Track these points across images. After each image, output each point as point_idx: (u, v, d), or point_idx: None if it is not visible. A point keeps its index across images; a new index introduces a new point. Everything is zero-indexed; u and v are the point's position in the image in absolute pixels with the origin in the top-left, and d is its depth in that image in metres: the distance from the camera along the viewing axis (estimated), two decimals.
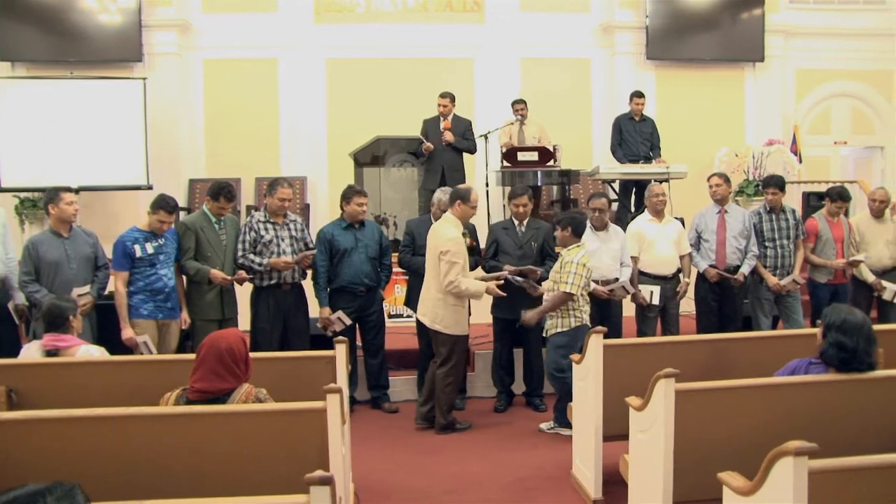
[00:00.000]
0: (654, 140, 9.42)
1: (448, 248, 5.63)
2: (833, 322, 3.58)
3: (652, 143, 9.40)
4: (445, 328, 5.78)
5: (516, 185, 7.09)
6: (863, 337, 3.58)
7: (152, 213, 5.68)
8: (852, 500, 2.65)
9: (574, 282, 5.47)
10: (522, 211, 6.35)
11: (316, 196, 10.80)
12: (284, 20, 10.92)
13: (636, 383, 4.02)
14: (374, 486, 4.88)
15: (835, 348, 3.57)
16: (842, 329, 3.56)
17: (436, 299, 5.78)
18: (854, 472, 2.66)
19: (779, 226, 6.65)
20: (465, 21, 11.20)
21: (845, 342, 3.56)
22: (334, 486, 2.55)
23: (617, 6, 11.15)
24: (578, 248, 5.61)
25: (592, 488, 4.57)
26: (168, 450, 3.19)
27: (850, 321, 3.56)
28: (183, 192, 10.47)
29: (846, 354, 3.56)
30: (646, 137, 9.37)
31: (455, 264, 5.61)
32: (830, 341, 3.59)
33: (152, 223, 5.68)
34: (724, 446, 3.54)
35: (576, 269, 5.48)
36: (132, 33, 10.21)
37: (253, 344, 6.10)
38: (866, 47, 11.79)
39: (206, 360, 3.39)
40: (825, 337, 3.62)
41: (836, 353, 3.57)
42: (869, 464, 2.68)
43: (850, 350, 3.56)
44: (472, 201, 5.84)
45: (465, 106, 10.26)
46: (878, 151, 12.25)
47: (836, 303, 5.02)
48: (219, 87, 10.84)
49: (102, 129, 9.66)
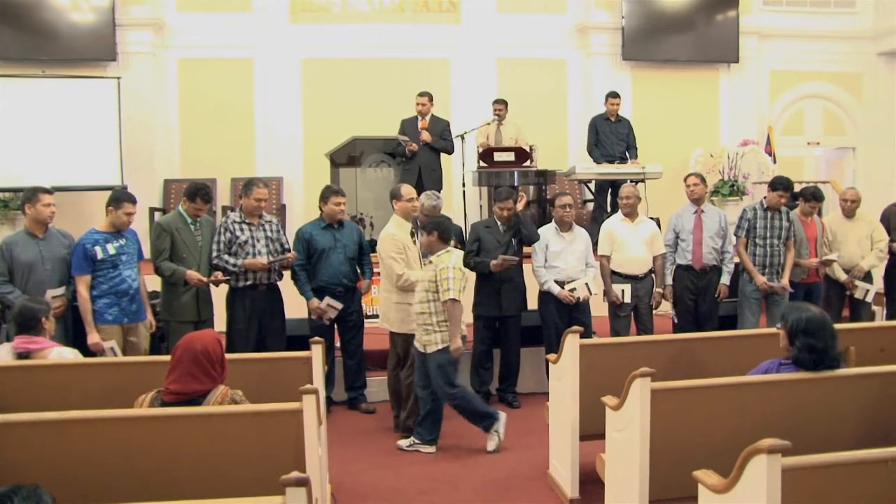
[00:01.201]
0: (630, 140, 9.48)
1: (384, 246, 5.78)
2: (797, 327, 3.62)
3: (628, 144, 9.45)
4: (392, 325, 5.85)
5: (501, 189, 7.10)
6: (828, 334, 3.64)
7: (115, 208, 5.53)
8: (825, 497, 2.68)
9: (454, 287, 5.30)
10: (507, 214, 6.42)
11: (292, 196, 10.75)
12: (260, 20, 10.86)
13: (612, 383, 4.03)
14: (351, 486, 4.86)
15: (806, 352, 3.61)
16: (807, 331, 3.60)
17: (383, 298, 5.93)
18: (826, 469, 2.69)
19: (772, 224, 6.65)
20: (442, 21, 11.20)
21: (814, 343, 3.60)
22: (310, 488, 2.55)
23: (593, 7, 11.20)
24: (448, 253, 5.44)
25: (569, 488, 4.59)
26: (142, 452, 3.17)
27: (813, 321, 3.61)
28: (158, 192, 10.40)
29: (817, 355, 3.61)
30: (622, 138, 9.42)
31: (393, 259, 5.74)
32: (800, 346, 3.62)
33: (117, 219, 5.54)
34: (700, 445, 3.57)
35: (453, 274, 5.31)
36: (105, 32, 10.12)
37: (229, 345, 6.05)
38: (837, 50, 11.95)
39: (181, 361, 3.37)
40: (793, 343, 3.65)
41: (809, 355, 3.61)
42: (840, 460, 2.71)
43: (819, 350, 3.61)
44: (404, 196, 5.98)
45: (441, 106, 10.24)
46: (850, 152, 12.40)
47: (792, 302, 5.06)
48: (194, 87, 10.76)
49: (75, 128, 9.56)
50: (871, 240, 7.01)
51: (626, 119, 9.63)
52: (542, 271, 6.32)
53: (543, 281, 6.30)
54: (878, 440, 3.39)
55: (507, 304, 6.39)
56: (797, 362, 3.67)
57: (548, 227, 6.47)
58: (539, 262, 6.35)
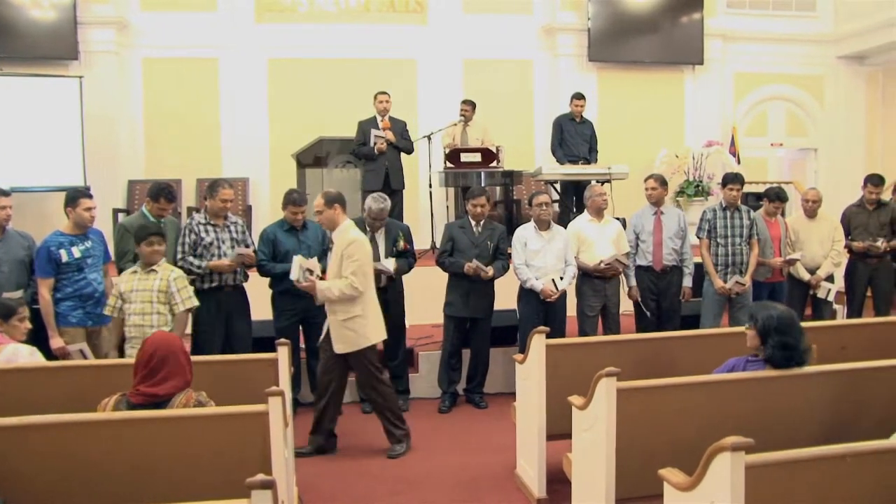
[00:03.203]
0: (592, 142, 9.52)
1: (365, 250, 5.33)
2: (769, 325, 3.65)
3: (590, 146, 9.49)
4: (349, 346, 5.30)
5: (475, 187, 7.10)
6: (798, 330, 3.70)
7: (73, 207, 5.42)
8: (787, 492, 2.71)
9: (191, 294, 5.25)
10: (480, 211, 6.42)
11: (258, 197, 10.69)
12: (225, 19, 10.80)
13: (579, 382, 4.04)
14: (319, 489, 4.84)
15: (780, 349, 3.65)
16: (780, 329, 3.65)
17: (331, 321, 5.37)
18: (788, 465, 2.72)
19: (733, 223, 6.69)
20: (408, 22, 11.20)
21: (787, 341, 3.65)
22: (276, 490, 2.54)
23: (559, 8, 11.28)
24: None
25: (536, 487, 4.60)
26: (107, 456, 3.14)
27: (784, 318, 3.66)
28: (121, 193, 10.29)
29: (790, 352, 3.66)
30: (585, 139, 9.46)
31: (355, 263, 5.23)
32: (773, 344, 3.66)
33: (79, 218, 5.44)
34: (666, 443, 3.59)
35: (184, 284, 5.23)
36: (67, 30, 9.98)
37: (194, 347, 5.99)
38: (799, 53, 12.17)
39: (166, 362, 3.35)
40: (765, 342, 3.69)
41: (782, 353, 3.65)
42: (802, 457, 2.74)
43: (792, 347, 3.66)
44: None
45: (408, 107, 10.27)
46: (812, 153, 12.61)
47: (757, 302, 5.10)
48: (158, 87, 10.67)
49: (36, 128, 9.43)
50: (832, 240, 7.11)
51: (589, 121, 9.67)
52: (523, 269, 6.31)
53: (525, 279, 6.30)
54: (838, 436, 3.43)
55: (477, 305, 6.39)
56: (771, 361, 3.70)
57: (526, 227, 6.46)
58: (520, 260, 6.34)
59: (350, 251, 5.12)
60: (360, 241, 5.23)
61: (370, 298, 5.30)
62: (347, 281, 5.09)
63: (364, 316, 5.24)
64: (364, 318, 5.24)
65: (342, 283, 5.10)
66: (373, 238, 6.32)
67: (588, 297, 6.51)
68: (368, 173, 8.58)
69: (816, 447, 2.84)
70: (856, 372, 3.89)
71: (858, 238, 7.25)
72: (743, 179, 6.90)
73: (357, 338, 5.24)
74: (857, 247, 7.24)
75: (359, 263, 5.12)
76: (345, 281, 5.10)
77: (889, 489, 2.81)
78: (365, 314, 5.24)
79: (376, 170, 8.49)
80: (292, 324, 6.20)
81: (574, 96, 9.48)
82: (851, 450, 2.79)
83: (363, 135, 8.57)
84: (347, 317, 5.20)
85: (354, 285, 5.09)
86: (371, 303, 5.32)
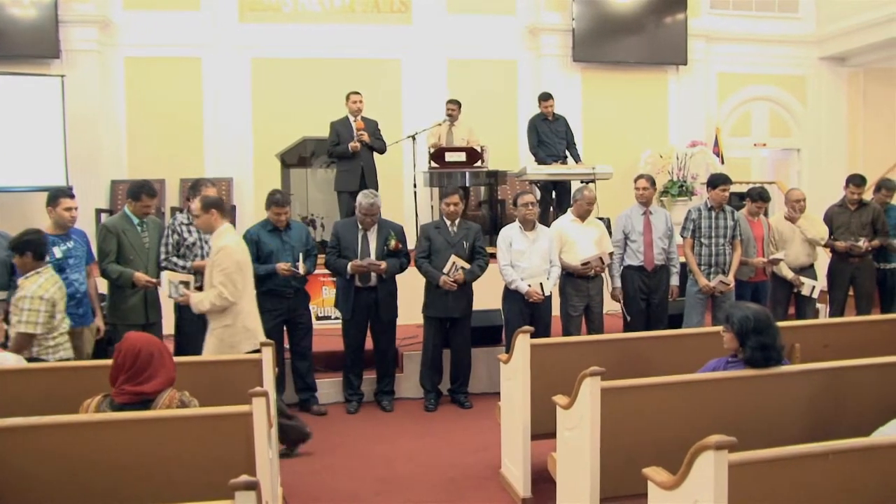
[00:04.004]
0: (568, 137, 9.50)
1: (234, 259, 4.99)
2: (747, 327, 3.67)
3: (567, 141, 9.48)
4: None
5: (447, 185, 7.09)
6: (774, 329, 3.72)
7: (53, 206, 5.37)
8: (770, 490, 2.72)
9: (29, 319, 4.66)
10: (453, 210, 6.41)
11: (242, 197, 10.63)
12: (208, 19, 10.74)
13: (563, 382, 4.05)
14: (303, 489, 4.83)
15: (758, 350, 3.67)
16: (757, 330, 3.67)
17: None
18: (771, 464, 2.73)
19: (717, 224, 6.72)
20: (393, 22, 11.18)
21: (765, 341, 3.67)
22: (260, 491, 2.53)
23: (543, 9, 11.28)
24: (38, 274, 4.78)
25: (521, 487, 4.60)
26: (90, 458, 3.13)
27: (761, 319, 3.68)
28: (104, 193, 10.21)
29: (768, 351, 3.68)
30: (560, 136, 9.43)
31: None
32: (752, 346, 3.68)
33: (59, 218, 5.39)
34: (650, 442, 3.61)
35: (30, 305, 4.65)
36: (48, 29, 9.87)
37: (178, 348, 5.97)
38: (782, 54, 12.24)
39: (151, 360, 3.33)
40: (744, 344, 3.70)
41: (761, 353, 3.68)
42: (784, 455, 2.76)
43: (769, 347, 3.68)
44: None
45: (392, 107, 10.29)
46: (795, 153, 12.69)
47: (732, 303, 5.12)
48: (141, 86, 10.59)
49: (18, 127, 9.34)
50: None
51: (562, 117, 9.60)
52: (508, 269, 6.31)
53: (510, 280, 6.30)
54: (820, 434, 3.45)
55: (455, 305, 6.39)
56: (750, 362, 3.72)
57: (511, 227, 6.46)
58: (505, 260, 6.33)
59: (218, 259, 4.86)
60: (230, 249, 4.90)
61: (243, 308, 4.97)
62: (217, 291, 4.83)
63: (233, 325, 4.93)
64: (232, 327, 4.93)
65: (212, 293, 4.85)
66: (364, 236, 6.32)
67: (571, 297, 6.53)
68: (344, 173, 8.50)
69: (799, 445, 2.85)
70: (838, 370, 3.91)
71: (841, 238, 7.30)
72: (731, 181, 6.93)
73: (221, 346, 4.91)
74: (839, 247, 7.29)
75: (227, 272, 4.82)
76: (214, 291, 4.84)
77: (871, 486, 2.83)
78: (234, 324, 4.93)
79: (352, 170, 8.42)
80: (276, 324, 6.16)
81: (541, 97, 9.43)
82: (834, 448, 2.81)
83: (337, 135, 8.49)
84: (217, 326, 4.95)
85: (224, 295, 4.81)
86: (244, 313, 4.98)
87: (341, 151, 8.44)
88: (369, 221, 6.28)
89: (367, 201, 6.21)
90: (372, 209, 6.23)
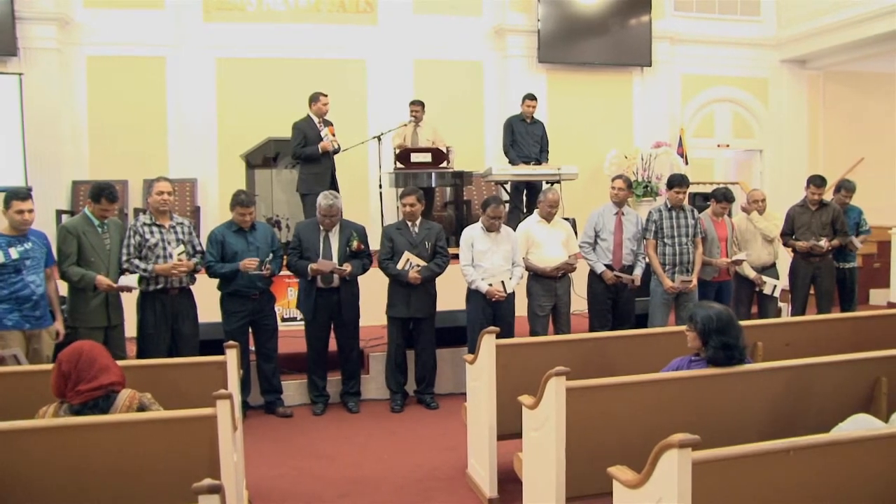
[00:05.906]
0: (543, 143, 9.55)
1: None
2: (709, 327, 3.71)
3: (541, 146, 9.53)
4: None
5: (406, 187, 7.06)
6: (736, 328, 3.76)
7: (6, 208, 5.25)
8: (734, 487, 2.75)
9: None
10: (410, 210, 6.40)
11: (206, 198, 10.52)
12: (172, 17, 10.60)
13: (529, 382, 4.05)
14: (269, 492, 4.79)
15: (721, 350, 3.71)
16: (720, 330, 3.71)
17: None
18: (734, 461, 2.75)
19: (678, 223, 6.78)
20: (358, 22, 11.14)
21: (728, 340, 3.71)
22: (224, 495, 2.51)
23: (509, 10, 11.31)
24: None
25: (488, 487, 4.59)
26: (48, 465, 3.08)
27: (723, 318, 3.72)
28: (65, 194, 10.05)
29: (730, 351, 3.72)
30: (536, 140, 9.48)
31: None
32: (715, 345, 3.72)
33: (12, 220, 5.25)
34: (615, 441, 3.63)
35: None
36: (5, 25, 9.65)
37: (140, 351, 5.90)
38: (744, 56, 12.41)
39: (94, 357, 3.29)
40: (707, 343, 3.74)
41: (724, 352, 3.71)
42: (747, 452, 2.78)
43: (732, 346, 3.72)
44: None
45: (357, 107, 10.25)
46: (758, 154, 12.86)
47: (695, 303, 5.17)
48: (103, 85, 10.42)
49: None
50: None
51: (540, 122, 9.71)
52: (469, 269, 6.31)
53: (471, 280, 6.30)
54: (783, 431, 3.50)
55: (418, 305, 6.39)
56: (712, 361, 3.76)
57: (474, 227, 6.45)
58: (466, 260, 6.33)
59: None
60: None
61: None
62: None
63: None
64: None
65: None
66: (326, 237, 6.28)
67: (539, 296, 6.54)
68: (312, 175, 8.27)
69: (761, 442, 2.87)
70: (799, 368, 3.95)
71: (802, 237, 7.41)
72: (689, 182, 6.99)
73: None
74: (800, 246, 7.39)
75: None
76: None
77: (831, 482, 2.87)
78: None
79: (321, 173, 8.27)
80: (241, 326, 6.13)
81: (526, 97, 9.50)
82: (795, 444, 2.84)
83: (304, 136, 8.29)
84: None
85: None
86: None
87: (311, 153, 8.26)
88: (329, 223, 6.25)
89: (326, 202, 6.18)
90: (331, 210, 6.20)
